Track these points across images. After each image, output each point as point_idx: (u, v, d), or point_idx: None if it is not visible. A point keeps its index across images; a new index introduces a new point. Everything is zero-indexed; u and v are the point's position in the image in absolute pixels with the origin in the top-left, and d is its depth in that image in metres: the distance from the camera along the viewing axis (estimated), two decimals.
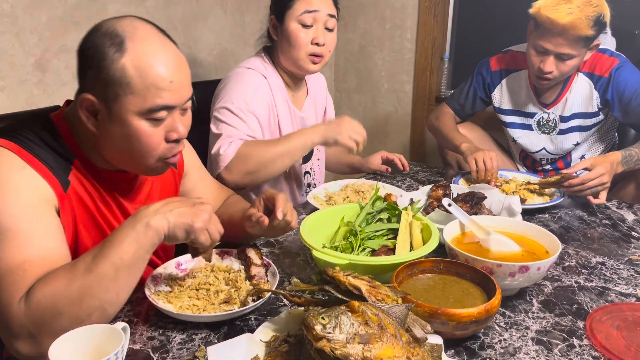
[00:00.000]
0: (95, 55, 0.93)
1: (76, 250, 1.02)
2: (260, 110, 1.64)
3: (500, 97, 2.10)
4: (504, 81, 2.08)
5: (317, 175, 1.93)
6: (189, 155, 1.33)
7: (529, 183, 1.71)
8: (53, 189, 0.97)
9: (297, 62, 1.65)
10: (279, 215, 1.09)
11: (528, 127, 2.08)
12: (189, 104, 1.04)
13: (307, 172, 1.88)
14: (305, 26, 1.60)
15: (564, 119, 1.99)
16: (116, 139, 0.98)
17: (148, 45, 0.95)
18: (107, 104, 0.95)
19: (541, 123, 2.04)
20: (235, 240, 1.28)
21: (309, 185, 1.88)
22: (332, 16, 1.62)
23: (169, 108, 0.97)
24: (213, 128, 1.62)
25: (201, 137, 1.89)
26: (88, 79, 0.96)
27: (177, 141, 1.02)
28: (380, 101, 3.21)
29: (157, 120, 0.97)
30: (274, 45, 1.71)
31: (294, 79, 1.77)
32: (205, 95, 1.94)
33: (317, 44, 1.62)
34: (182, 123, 1.02)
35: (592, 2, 1.69)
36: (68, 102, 1.08)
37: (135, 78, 0.93)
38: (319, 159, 1.92)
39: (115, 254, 0.88)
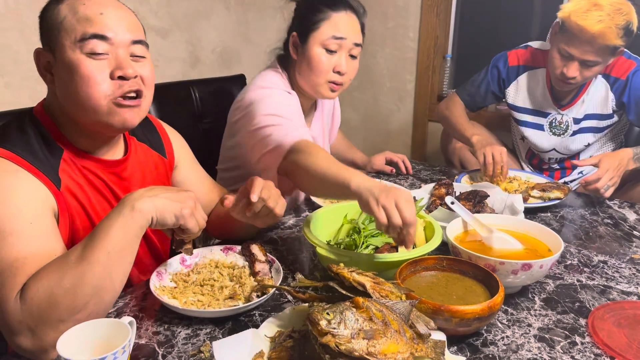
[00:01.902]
0: (41, 16, 1.02)
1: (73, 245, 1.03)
2: (301, 116, 1.52)
3: (515, 93, 2.07)
4: (520, 77, 2.05)
5: None
6: (179, 145, 1.32)
7: (532, 188, 1.68)
8: (49, 189, 0.98)
9: (315, 87, 1.55)
10: (253, 198, 1.06)
11: (540, 127, 2.05)
12: (141, 50, 1.04)
13: None
14: (329, 51, 1.49)
15: (577, 121, 1.97)
16: (65, 84, 0.99)
17: None
18: (52, 51, 1.00)
19: (553, 124, 2.02)
20: (237, 235, 1.28)
21: None
22: (357, 45, 1.53)
23: (101, 37, 0.98)
24: (260, 139, 1.40)
25: (203, 134, 1.90)
26: (41, 39, 1.03)
27: (123, 78, 1.00)
28: (382, 100, 3.21)
29: (94, 55, 0.98)
30: (291, 63, 1.59)
31: (307, 99, 1.66)
32: (208, 93, 1.95)
33: (338, 73, 1.51)
34: (131, 65, 1.01)
35: (622, 10, 1.66)
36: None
37: (68, 16, 0.98)
38: None
39: (104, 240, 0.89)
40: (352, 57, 1.53)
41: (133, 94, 1.02)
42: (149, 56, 1.06)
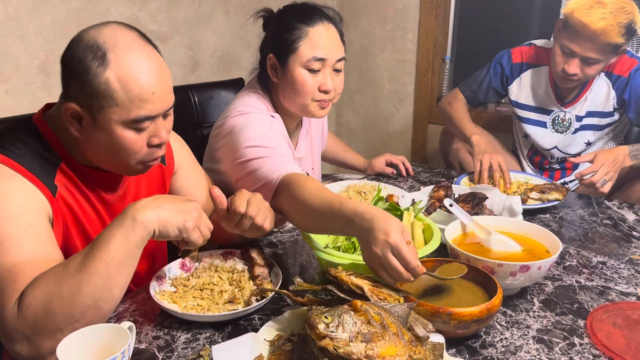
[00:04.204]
0: (79, 69, 0.95)
1: (67, 254, 1.03)
2: (284, 142, 1.40)
3: (518, 90, 2.08)
4: (523, 75, 2.06)
5: None
6: (180, 151, 1.31)
7: (531, 190, 1.68)
8: (44, 195, 0.98)
9: (303, 109, 1.44)
10: (236, 222, 1.06)
11: (542, 125, 2.06)
12: (171, 110, 1.05)
13: None
14: (312, 71, 1.39)
15: (579, 118, 1.98)
16: (100, 144, 1.00)
17: (130, 56, 0.96)
18: (91, 113, 0.97)
19: (556, 122, 2.02)
20: (232, 242, 1.26)
21: None
22: (341, 59, 1.42)
23: (152, 118, 0.99)
24: (245, 174, 1.30)
25: (202, 139, 1.90)
26: (72, 90, 0.97)
27: (158, 146, 1.04)
28: (382, 102, 3.22)
29: (140, 129, 0.99)
30: (272, 84, 1.48)
31: (293, 118, 1.56)
32: (207, 97, 1.96)
33: (325, 92, 1.41)
34: (164, 128, 1.04)
35: (626, 8, 1.67)
36: (47, 105, 1.09)
37: (119, 91, 0.94)
38: (312, 169, 1.75)
39: (104, 251, 0.88)
40: (337, 71, 1.43)
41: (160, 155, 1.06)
42: None
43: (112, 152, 1.00)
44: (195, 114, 1.92)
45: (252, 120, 1.37)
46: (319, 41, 1.38)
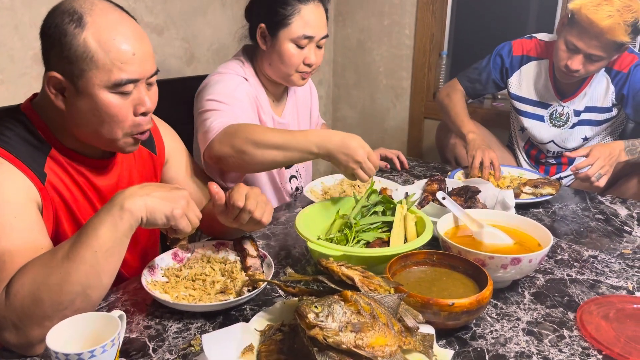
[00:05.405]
0: (56, 34, 0.94)
1: (57, 241, 1.02)
2: (247, 102, 1.55)
3: (518, 83, 2.07)
4: (523, 68, 2.05)
5: (304, 179, 1.88)
6: (171, 141, 1.31)
7: (524, 184, 1.69)
8: (33, 183, 0.97)
9: (285, 78, 1.60)
10: (235, 217, 1.08)
11: (540, 118, 2.06)
12: (154, 78, 1.05)
13: (293, 177, 1.83)
14: (299, 46, 1.54)
15: (577, 113, 1.99)
16: (85, 113, 0.99)
17: (107, 18, 0.96)
18: (72, 80, 0.96)
19: (554, 116, 2.02)
20: (227, 235, 1.27)
21: (297, 189, 1.83)
22: (324, 37, 1.58)
23: (134, 81, 0.99)
24: (199, 123, 1.48)
25: (193, 131, 1.90)
26: (52, 58, 0.97)
27: (144, 114, 1.03)
28: (378, 97, 3.22)
29: (124, 94, 0.99)
30: (258, 52, 1.62)
31: (277, 85, 1.69)
32: None
33: (308, 65, 1.57)
34: (149, 96, 1.03)
35: (632, 7, 1.67)
36: (35, 94, 1.09)
37: (98, 53, 0.94)
38: None
39: (92, 239, 0.88)
40: (319, 47, 1.58)
41: (147, 128, 1.06)
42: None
43: (99, 121, 0.99)
44: (191, 106, 1.91)
45: (222, 79, 1.54)
46: (309, 20, 1.52)
